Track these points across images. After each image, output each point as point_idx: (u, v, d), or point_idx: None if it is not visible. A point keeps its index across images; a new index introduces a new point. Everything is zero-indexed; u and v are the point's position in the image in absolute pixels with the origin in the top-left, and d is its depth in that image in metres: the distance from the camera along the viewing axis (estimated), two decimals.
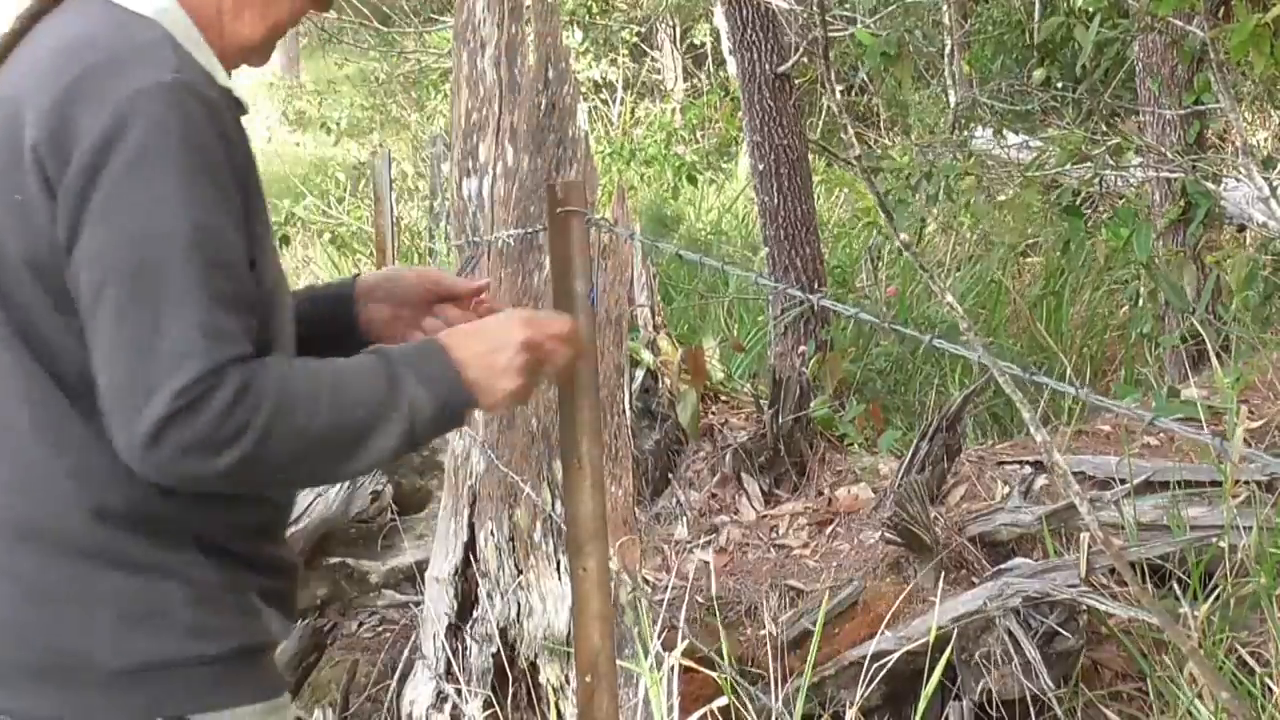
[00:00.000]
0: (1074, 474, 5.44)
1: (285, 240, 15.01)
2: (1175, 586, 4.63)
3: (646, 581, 4.64)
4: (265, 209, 2.21)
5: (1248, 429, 5.57)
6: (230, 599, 2.19)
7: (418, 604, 4.89)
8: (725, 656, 4.09)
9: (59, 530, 2.14)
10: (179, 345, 1.99)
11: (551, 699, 4.09)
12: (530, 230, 4.10)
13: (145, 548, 2.14)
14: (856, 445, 6.60)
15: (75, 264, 2.04)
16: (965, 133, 11.70)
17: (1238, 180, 8.66)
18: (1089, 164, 8.50)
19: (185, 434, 1.98)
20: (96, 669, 2.13)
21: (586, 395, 2.63)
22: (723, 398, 7.11)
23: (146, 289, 2.00)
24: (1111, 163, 8.78)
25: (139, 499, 2.12)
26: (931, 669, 3.90)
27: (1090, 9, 7.57)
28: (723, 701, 3.86)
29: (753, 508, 6.19)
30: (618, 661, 3.96)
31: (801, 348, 7.79)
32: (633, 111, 17.55)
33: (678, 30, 18.49)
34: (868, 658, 4.14)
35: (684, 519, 6.13)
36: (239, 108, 2.19)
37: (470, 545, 4.29)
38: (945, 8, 13.34)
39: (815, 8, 8.37)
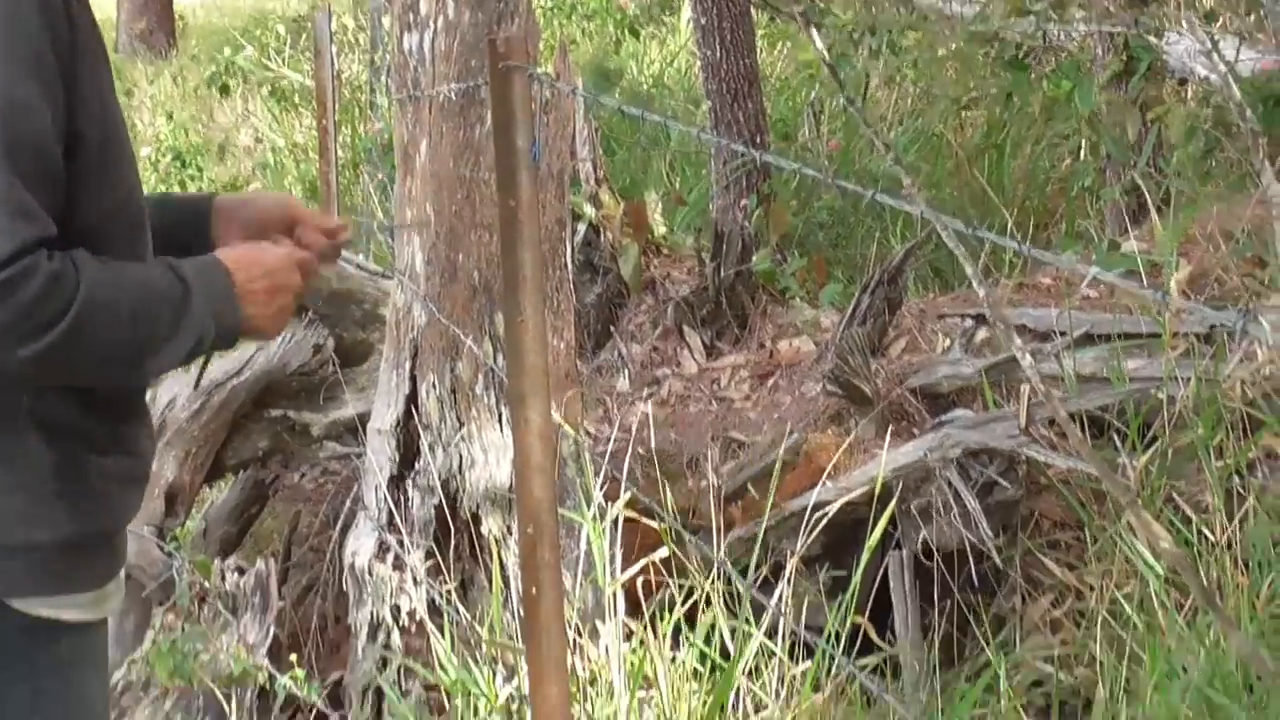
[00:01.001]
0: (1015, 327, 5.47)
1: (225, 90, 14.84)
2: (1115, 438, 4.67)
3: (588, 434, 4.65)
4: (103, 75, 2.15)
5: (1186, 281, 5.60)
6: (67, 485, 2.16)
7: (359, 456, 4.89)
8: (667, 508, 4.11)
9: None
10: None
11: (494, 550, 4.11)
12: (472, 85, 4.05)
13: None
14: (798, 298, 6.61)
15: None
16: None
17: (1180, 34, 8.64)
18: (1032, 16, 8.45)
19: None
20: None
21: (528, 249, 2.61)
22: (664, 251, 7.10)
23: None
24: (1054, 16, 8.74)
25: None
26: (872, 520, 3.94)
27: None
28: (664, 553, 3.88)
29: (694, 360, 6.20)
30: (560, 512, 3.98)
31: (744, 201, 7.77)
32: None
33: None
34: (808, 508, 4.17)
35: (625, 372, 6.14)
36: None
37: (412, 397, 4.28)
38: None
39: None
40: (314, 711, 4.47)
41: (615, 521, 3.90)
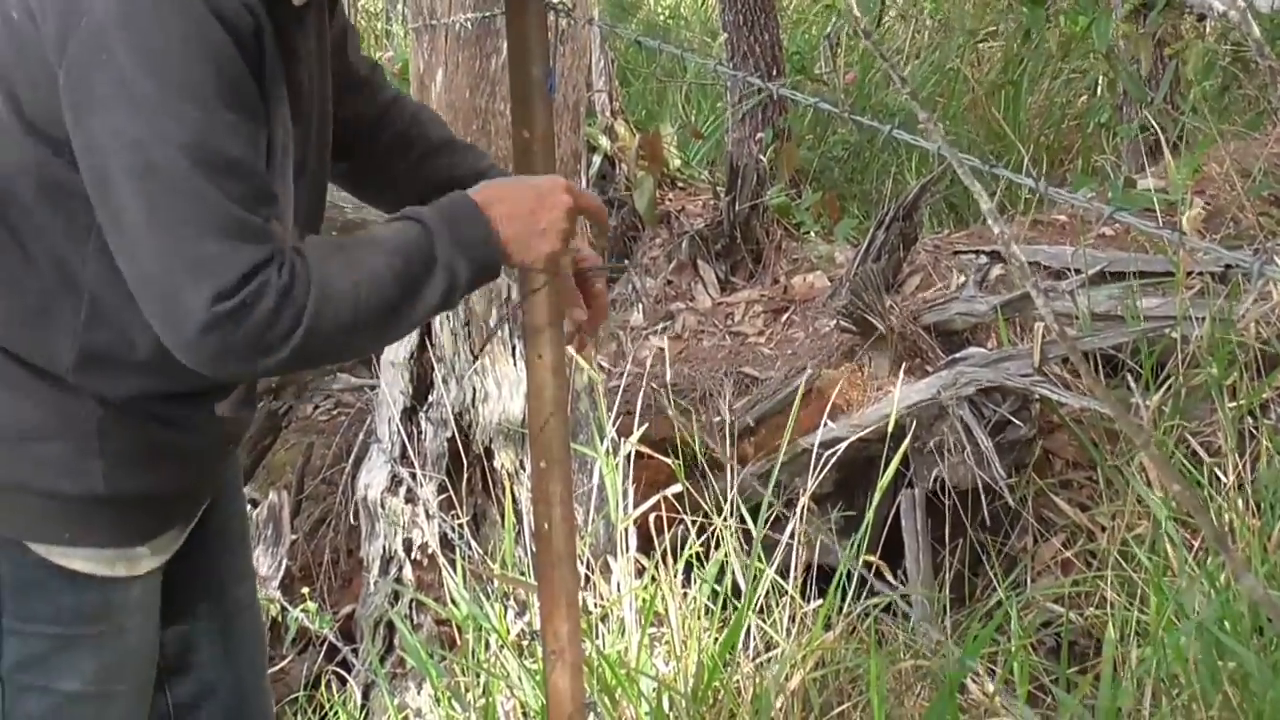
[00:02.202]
0: (1029, 264, 5.45)
1: None
2: (1128, 377, 4.66)
3: (601, 368, 4.65)
4: (284, 98, 2.14)
5: (1202, 219, 5.58)
6: (109, 445, 2.17)
7: (373, 388, 4.89)
8: (692, 441, 4.11)
9: None
10: (208, 249, 1.95)
11: (506, 484, 4.11)
12: (488, 15, 4.03)
13: (32, 371, 2.13)
14: (813, 233, 6.59)
15: (79, 147, 1.99)
16: None
17: None
18: None
19: (229, 340, 1.96)
20: None
21: None
22: (679, 184, 7.08)
23: (160, 190, 1.95)
24: None
25: (51, 329, 2.12)
26: (885, 457, 3.93)
27: None
28: (676, 489, 3.88)
29: (708, 295, 6.19)
30: (575, 446, 3.98)
31: (759, 135, 7.73)
32: None
33: None
34: (820, 445, 4.17)
35: (640, 306, 6.14)
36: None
37: (426, 330, 4.28)
38: None
39: None
40: (325, 644, 4.49)
41: (628, 457, 3.90)
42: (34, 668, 2.20)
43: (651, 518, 3.88)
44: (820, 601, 3.65)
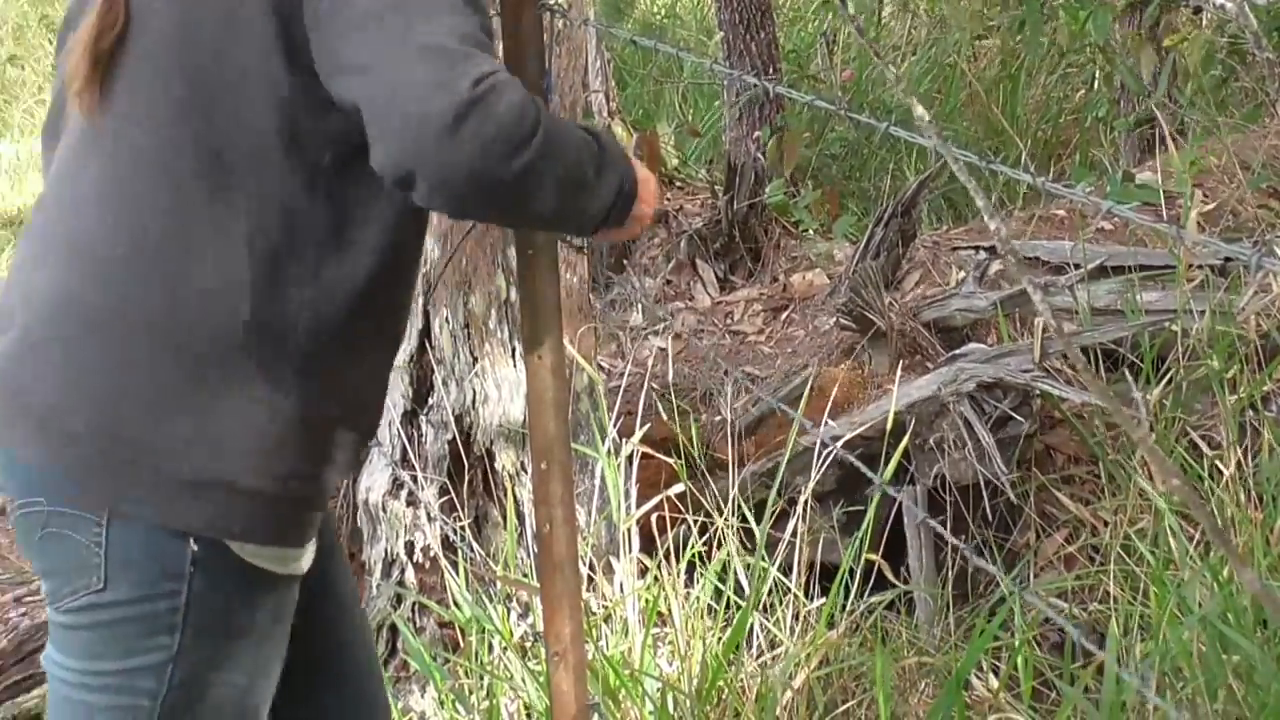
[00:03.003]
0: (1029, 259, 5.45)
1: None
2: (1128, 372, 4.66)
3: (601, 368, 4.65)
4: None
5: (1202, 213, 5.58)
6: (306, 440, 2.18)
7: None
8: (693, 442, 4.11)
9: (165, 329, 2.11)
10: (468, 38, 1.97)
11: (508, 485, 4.11)
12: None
13: (244, 368, 2.12)
14: (811, 231, 6.59)
15: None
16: None
17: None
18: None
19: (487, 125, 1.94)
20: (162, 472, 2.11)
21: None
22: (677, 183, 7.09)
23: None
24: None
25: (257, 317, 2.10)
26: (886, 454, 3.93)
27: None
28: (679, 489, 3.88)
29: (708, 294, 6.19)
30: (576, 447, 3.98)
31: (756, 133, 7.73)
32: None
33: None
34: (819, 443, 4.17)
35: (639, 306, 6.14)
36: None
37: (425, 332, 4.28)
38: None
39: None
40: None
41: (630, 457, 3.90)
42: (212, 664, 2.20)
43: (654, 518, 3.88)
44: (823, 600, 3.65)
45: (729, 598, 3.70)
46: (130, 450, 2.11)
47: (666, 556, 3.70)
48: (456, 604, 3.85)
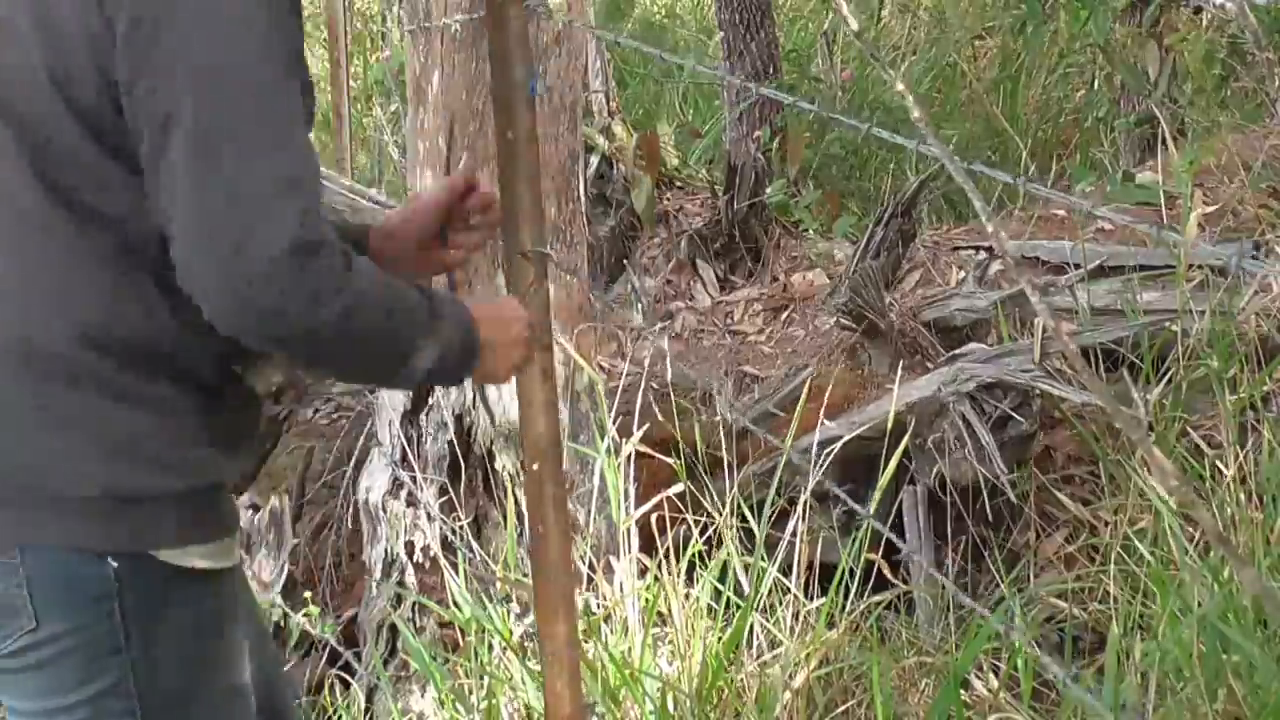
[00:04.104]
0: (1029, 259, 5.45)
1: None
2: (1127, 372, 4.65)
3: (601, 368, 4.65)
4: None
5: (1202, 213, 5.57)
6: (199, 434, 2.16)
7: (373, 392, 4.89)
8: (697, 441, 4.11)
9: (39, 351, 2.09)
10: (281, 183, 1.93)
11: (507, 486, 4.11)
12: (479, 16, 4.03)
13: (124, 375, 2.10)
14: (812, 231, 6.58)
15: (137, 98, 1.97)
16: None
17: None
18: None
19: (302, 276, 1.93)
20: (62, 495, 2.10)
21: (527, 183, 2.59)
22: (678, 184, 7.08)
23: (234, 126, 1.94)
24: None
25: (124, 323, 2.09)
26: (886, 454, 3.93)
27: None
28: (679, 488, 3.88)
29: (708, 294, 6.19)
30: (574, 448, 3.98)
31: (757, 134, 7.73)
32: None
33: None
34: (818, 443, 4.17)
35: (639, 305, 6.13)
36: None
37: None
38: None
39: None
40: (328, 648, 4.49)
41: (629, 457, 3.90)
42: (174, 667, 2.19)
43: (653, 517, 3.87)
44: (823, 600, 3.65)
45: (729, 598, 3.70)
46: (26, 480, 2.11)
47: (666, 556, 3.69)
48: (456, 604, 3.85)
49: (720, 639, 3.61)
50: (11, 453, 2.11)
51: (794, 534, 3.78)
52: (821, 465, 3.95)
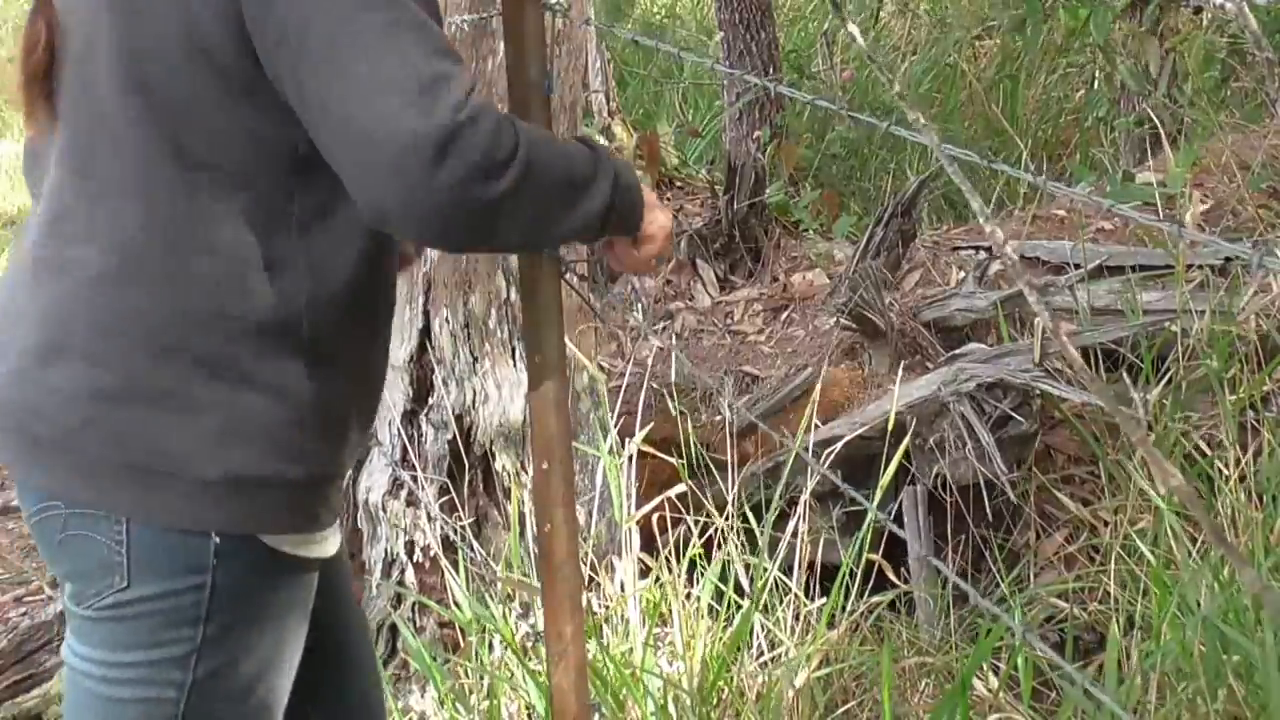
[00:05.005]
0: (1029, 259, 5.45)
1: None
2: (1127, 372, 4.66)
3: (602, 368, 4.65)
4: None
5: (1202, 213, 5.58)
6: (323, 421, 2.17)
7: None
8: (693, 443, 4.11)
9: (173, 332, 2.09)
10: (435, 67, 1.93)
11: (508, 485, 4.11)
12: (483, 16, 4.03)
13: (255, 359, 2.11)
14: (811, 231, 6.59)
15: (269, 31, 1.97)
16: None
17: None
18: None
19: (468, 153, 1.92)
20: (186, 476, 2.10)
21: None
22: (678, 184, 7.08)
23: (369, 19, 1.93)
24: None
25: (254, 300, 2.09)
26: (886, 454, 3.93)
27: None
28: (680, 488, 3.88)
29: (708, 294, 6.19)
30: (577, 446, 3.98)
31: (757, 133, 7.73)
32: None
33: None
34: (817, 443, 4.17)
35: (639, 305, 6.14)
36: None
37: (425, 332, 4.28)
38: None
39: None
40: None
41: (631, 457, 3.90)
42: (237, 653, 2.20)
43: (655, 517, 3.88)
44: (824, 600, 3.65)
45: (730, 598, 3.70)
46: (146, 458, 2.10)
47: (668, 556, 3.70)
48: (457, 604, 3.85)
49: (721, 639, 3.61)
50: (144, 430, 2.10)
51: (794, 534, 3.78)
52: (824, 464, 3.95)
